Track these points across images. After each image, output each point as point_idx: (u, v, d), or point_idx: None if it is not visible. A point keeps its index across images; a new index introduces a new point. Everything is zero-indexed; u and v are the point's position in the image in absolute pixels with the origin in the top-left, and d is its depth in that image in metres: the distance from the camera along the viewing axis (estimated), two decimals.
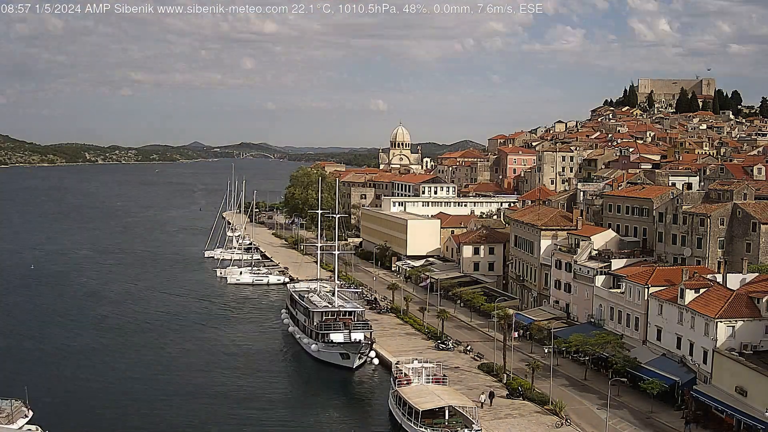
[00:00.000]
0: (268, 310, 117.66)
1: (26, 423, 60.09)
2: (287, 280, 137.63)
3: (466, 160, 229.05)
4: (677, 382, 67.31)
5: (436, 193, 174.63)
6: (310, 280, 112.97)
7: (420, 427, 61.22)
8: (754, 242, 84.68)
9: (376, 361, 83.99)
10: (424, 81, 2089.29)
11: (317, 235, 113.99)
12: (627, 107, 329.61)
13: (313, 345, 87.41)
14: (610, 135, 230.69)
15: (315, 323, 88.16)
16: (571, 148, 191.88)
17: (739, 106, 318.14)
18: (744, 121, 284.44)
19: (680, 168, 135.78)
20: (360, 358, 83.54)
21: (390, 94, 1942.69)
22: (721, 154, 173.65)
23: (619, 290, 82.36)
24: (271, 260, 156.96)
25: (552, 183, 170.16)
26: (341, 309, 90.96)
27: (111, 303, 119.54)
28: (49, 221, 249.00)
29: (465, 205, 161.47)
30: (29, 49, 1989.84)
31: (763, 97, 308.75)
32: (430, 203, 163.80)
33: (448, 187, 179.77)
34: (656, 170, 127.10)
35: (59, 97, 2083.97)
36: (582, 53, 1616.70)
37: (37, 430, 59.71)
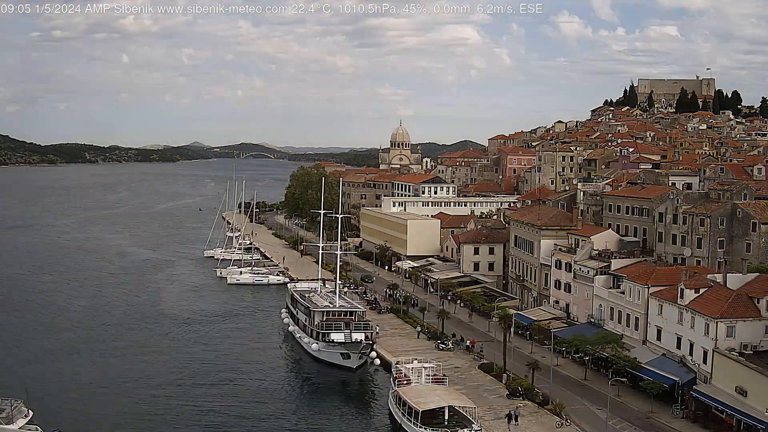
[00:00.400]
0: (268, 310, 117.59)
1: (26, 423, 60.04)
2: (287, 280, 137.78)
3: (466, 160, 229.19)
4: (677, 382, 67.32)
5: (436, 193, 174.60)
6: (310, 279, 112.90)
7: (420, 427, 61.23)
8: (754, 242, 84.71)
9: (377, 361, 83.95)
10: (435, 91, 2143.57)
11: (319, 235, 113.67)
12: (627, 107, 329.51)
13: (314, 344, 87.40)
14: (610, 135, 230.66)
15: (316, 323, 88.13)
16: (571, 148, 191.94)
17: (739, 106, 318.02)
18: (744, 121, 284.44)
19: (680, 168, 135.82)
20: (361, 358, 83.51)
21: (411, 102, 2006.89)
22: (721, 154, 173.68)
23: (619, 290, 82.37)
24: (271, 260, 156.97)
25: (552, 183, 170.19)
26: (342, 309, 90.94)
27: (111, 303, 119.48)
28: (45, 219, 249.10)
29: (465, 205, 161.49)
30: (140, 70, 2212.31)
31: (763, 97, 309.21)
32: (430, 203, 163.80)
33: (448, 187, 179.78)
34: (656, 170, 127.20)
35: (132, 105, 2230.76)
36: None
37: (37, 430, 59.70)
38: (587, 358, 78.36)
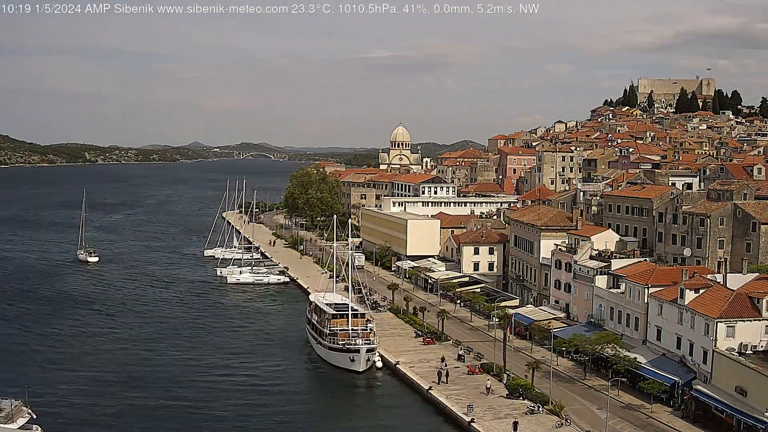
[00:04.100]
0: (268, 309, 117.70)
1: (26, 423, 60.03)
2: (287, 279, 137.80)
3: (466, 160, 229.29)
4: (677, 382, 67.32)
5: (436, 193, 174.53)
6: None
7: None
8: (754, 242, 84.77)
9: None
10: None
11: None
12: (627, 107, 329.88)
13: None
14: (610, 135, 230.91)
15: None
16: (571, 148, 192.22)
17: (739, 106, 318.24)
18: (744, 121, 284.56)
19: (680, 168, 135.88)
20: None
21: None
22: (721, 154, 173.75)
23: (619, 290, 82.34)
24: (271, 260, 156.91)
25: (552, 183, 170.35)
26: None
27: (111, 303, 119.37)
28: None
29: (465, 205, 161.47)
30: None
31: (763, 97, 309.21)
32: (430, 203, 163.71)
33: (448, 187, 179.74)
34: (656, 170, 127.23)
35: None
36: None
37: (37, 429, 59.69)
38: (587, 358, 78.36)
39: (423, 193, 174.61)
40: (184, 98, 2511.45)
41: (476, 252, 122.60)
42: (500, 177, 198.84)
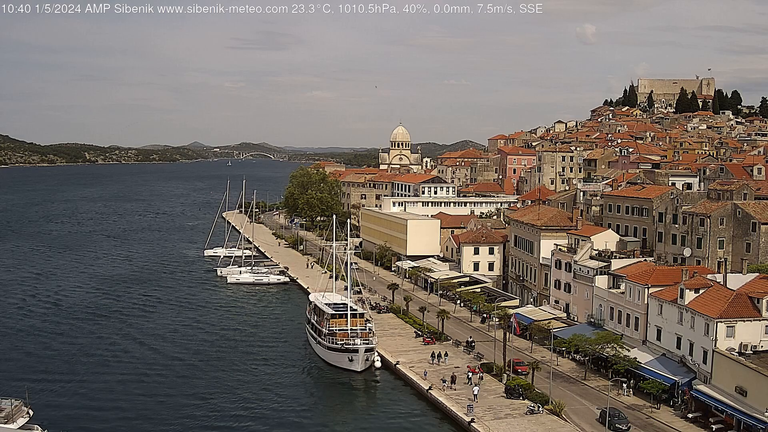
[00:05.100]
0: (267, 309, 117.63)
1: (26, 422, 60.04)
2: (287, 279, 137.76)
3: (466, 160, 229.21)
4: (677, 382, 67.33)
5: (436, 193, 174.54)
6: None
7: None
8: (754, 242, 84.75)
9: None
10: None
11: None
12: (627, 107, 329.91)
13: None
14: (610, 135, 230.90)
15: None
16: (571, 148, 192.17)
17: (739, 106, 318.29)
18: (744, 121, 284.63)
19: (680, 168, 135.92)
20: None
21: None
22: (721, 154, 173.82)
23: (619, 290, 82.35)
24: (271, 260, 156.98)
25: (552, 183, 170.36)
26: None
27: (111, 303, 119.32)
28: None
29: (465, 205, 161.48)
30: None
31: (763, 97, 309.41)
32: (430, 203, 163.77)
33: (448, 187, 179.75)
34: (656, 170, 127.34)
35: None
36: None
37: (37, 429, 59.70)
38: (587, 358, 78.36)
39: (423, 193, 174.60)
40: (184, 98, 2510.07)
41: (476, 252, 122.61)
42: (500, 177, 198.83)
